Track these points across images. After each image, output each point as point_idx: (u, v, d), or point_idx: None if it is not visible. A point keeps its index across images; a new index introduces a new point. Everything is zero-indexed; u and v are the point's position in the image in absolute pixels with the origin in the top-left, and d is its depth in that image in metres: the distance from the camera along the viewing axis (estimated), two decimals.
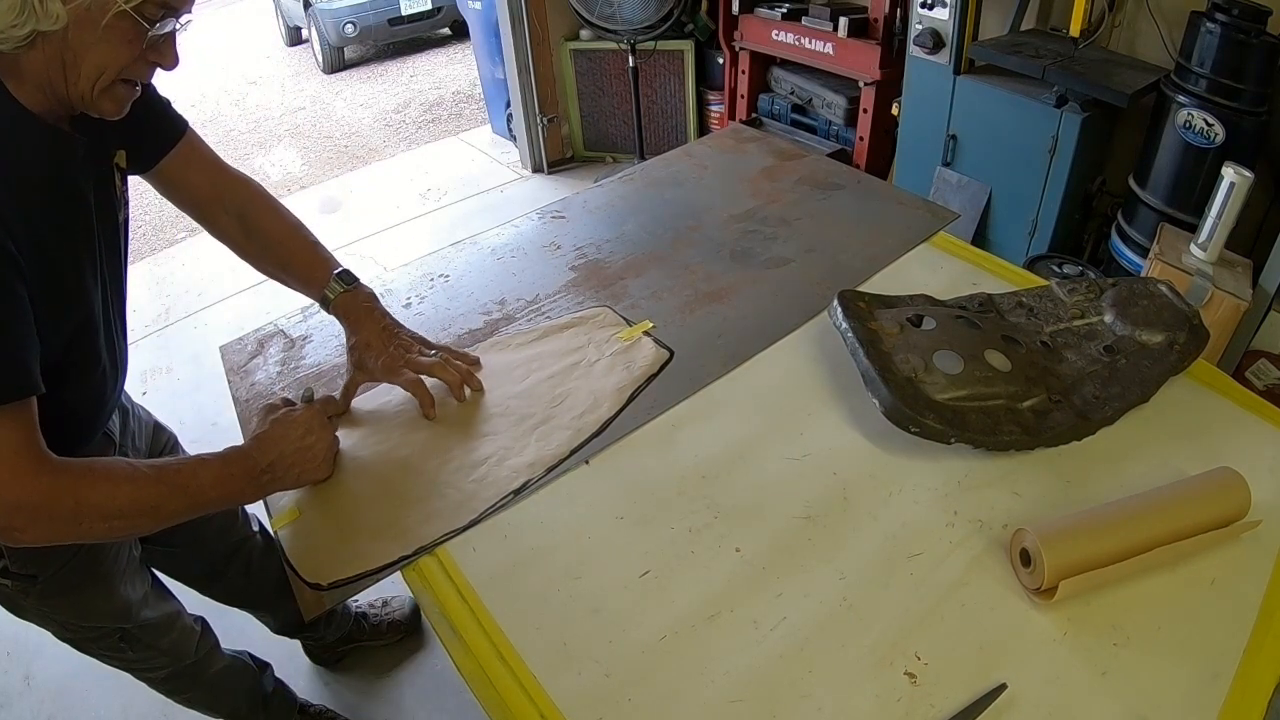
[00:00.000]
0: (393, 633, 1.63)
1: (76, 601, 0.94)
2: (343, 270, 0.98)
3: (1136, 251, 2.00)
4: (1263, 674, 0.66)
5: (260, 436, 0.82)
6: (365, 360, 0.94)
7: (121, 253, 0.86)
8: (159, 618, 1.07)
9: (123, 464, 0.73)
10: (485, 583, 0.76)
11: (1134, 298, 1.00)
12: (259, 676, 1.35)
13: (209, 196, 0.96)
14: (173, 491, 0.74)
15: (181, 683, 1.18)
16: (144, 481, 0.72)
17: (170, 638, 1.10)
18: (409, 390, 0.93)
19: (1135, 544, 0.71)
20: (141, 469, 0.73)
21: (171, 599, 1.12)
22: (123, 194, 0.85)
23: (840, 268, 1.18)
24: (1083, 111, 2.00)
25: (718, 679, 0.67)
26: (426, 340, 1.00)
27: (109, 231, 0.82)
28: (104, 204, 0.80)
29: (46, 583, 0.89)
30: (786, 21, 2.83)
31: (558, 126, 3.61)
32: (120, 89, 0.70)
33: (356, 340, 0.95)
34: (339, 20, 5.68)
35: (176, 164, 0.92)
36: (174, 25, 0.69)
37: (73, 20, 0.62)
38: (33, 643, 1.66)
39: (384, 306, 0.99)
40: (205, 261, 3.13)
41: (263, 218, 0.98)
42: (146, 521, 0.74)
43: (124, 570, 0.98)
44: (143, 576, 1.05)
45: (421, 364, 0.95)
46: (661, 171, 1.51)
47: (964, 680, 0.65)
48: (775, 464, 0.87)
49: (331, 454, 0.87)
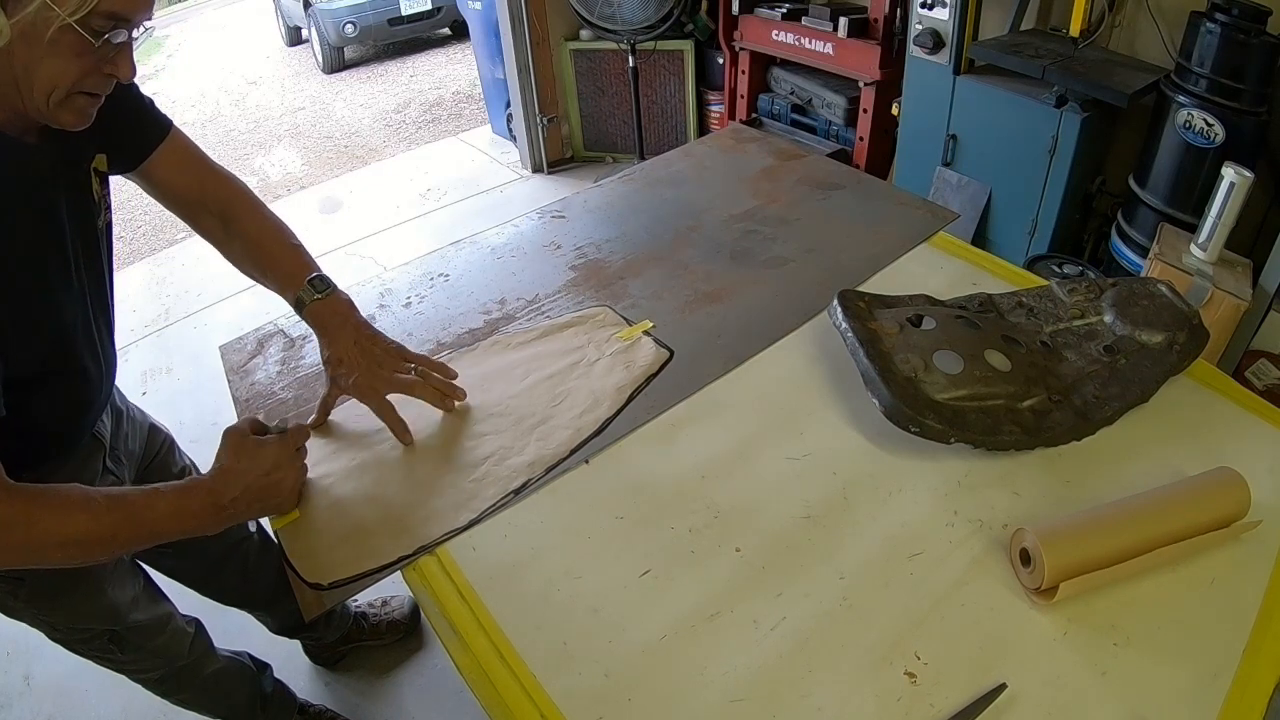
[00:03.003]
0: (392, 633, 1.63)
1: (64, 604, 0.94)
2: (317, 275, 0.94)
3: (1136, 251, 2.00)
4: (1263, 674, 0.66)
5: (225, 470, 0.79)
6: (339, 377, 0.91)
7: (102, 257, 0.85)
8: (150, 620, 1.06)
9: (78, 493, 0.72)
10: (485, 583, 0.76)
11: (1134, 298, 1.00)
12: (258, 678, 1.35)
13: (192, 197, 0.94)
14: (128, 521, 0.73)
15: (175, 684, 1.18)
16: (98, 510, 0.71)
17: (162, 639, 1.09)
18: (379, 416, 0.89)
19: (1135, 544, 0.71)
20: (97, 498, 0.72)
21: (164, 601, 1.12)
22: (103, 198, 0.84)
23: (840, 268, 1.18)
24: (1083, 111, 2.00)
25: (718, 679, 0.67)
26: (405, 350, 0.96)
27: (86, 238, 0.80)
28: (79, 211, 0.79)
29: (33, 585, 0.90)
30: (786, 21, 2.83)
31: (558, 126, 3.61)
32: (79, 100, 0.68)
33: (330, 354, 0.91)
34: (339, 20, 5.69)
35: (159, 165, 0.90)
36: (125, 36, 0.66)
37: (17, 36, 0.60)
38: (33, 643, 1.65)
39: (360, 316, 0.95)
40: (205, 261, 3.13)
41: (244, 219, 0.96)
42: (101, 550, 0.73)
43: (113, 573, 0.98)
44: (134, 579, 1.04)
45: (399, 384, 0.91)
46: (661, 171, 1.51)
47: (964, 680, 0.65)
48: (775, 464, 0.87)
49: (298, 487, 0.84)
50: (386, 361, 0.92)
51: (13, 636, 1.69)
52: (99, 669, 1.06)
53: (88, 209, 0.81)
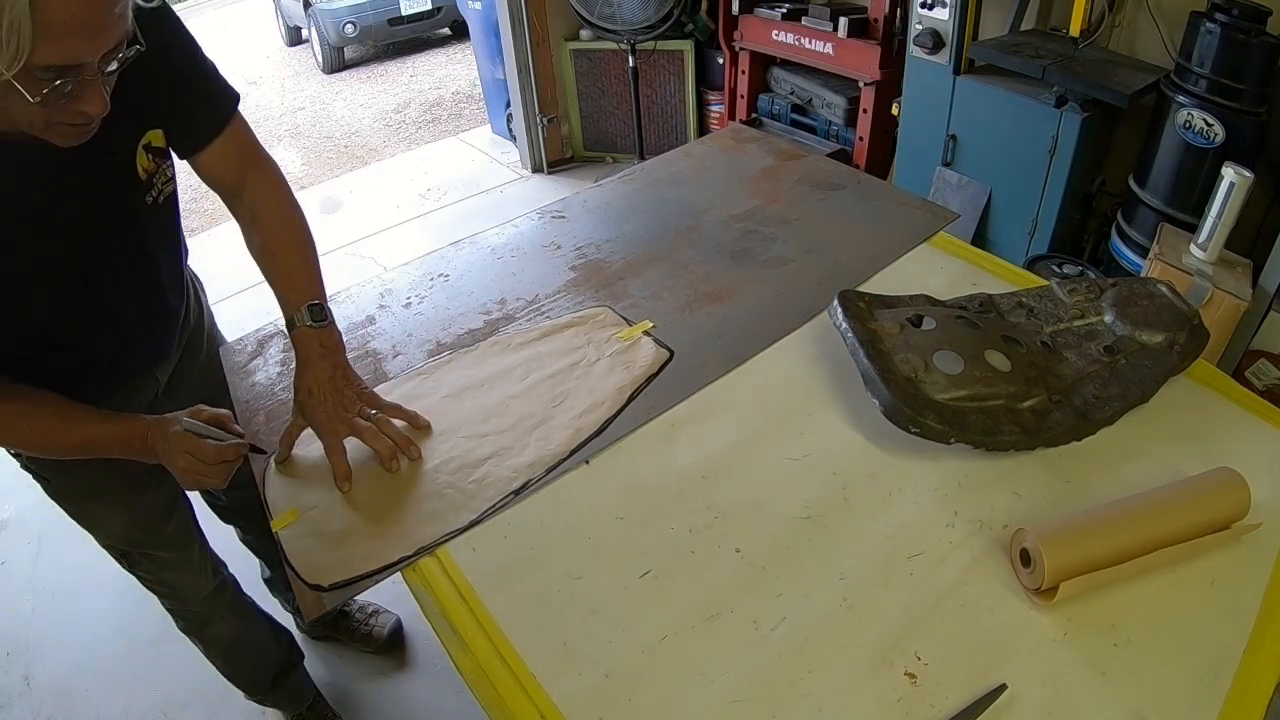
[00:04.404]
0: (364, 644, 1.65)
1: (81, 511, 1.06)
2: (318, 304, 0.93)
3: (1136, 251, 2.00)
4: (1263, 674, 0.66)
5: (163, 452, 0.85)
6: (306, 407, 0.89)
7: (148, 234, 0.90)
8: (169, 556, 1.13)
9: (27, 404, 0.82)
10: (485, 583, 0.76)
11: (1134, 298, 1.00)
12: (278, 660, 1.39)
13: (230, 186, 0.96)
14: (75, 447, 0.85)
15: (180, 621, 1.25)
16: (45, 428, 0.83)
17: (173, 575, 1.17)
18: (328, 455, 0.88)
19: (1136, 544, 0.71)
20: (44, 413, 0.83)
21: (195, 547, 1.18)
22: (160, 172, 0.86)
23: (840, 268, 1.18)
24: (1083, 112, 2.00)
25: (718, 679, 0.67)
26: (376, 397, 0.94)
27: (121, 215, 0.84)
28: (108, 197, 0.82)
29: (58, 486, 1.02)
30: (786, 21, 2.83)
31: (558, 126, 3.61)
32: (61, 129, 0.67)
33: (302, 383, 0.90)
34: (339, 20, 5.69)
35: (209, 155, 0.92)
36: (72, 85, 0.63)
37: None
38: (33, 643, 1.66)
39: (345, 356, 0.94)
40: (205, 261, 3.11)
41: (270, 223, 0.97)
42: (49, 453, 0.89)
43: (142, 503, 1.06)
44: (172, 515, 1.12)
45: (356, 428, 0.89)
46: (661, 171, 1.51)
47: (964, 680, 0.65)
48: (775, 464, 0.87)
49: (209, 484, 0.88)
50: (353, 404, 0.91)
51: (13, 636, 1.69)
52: (99, 669, 1.07)
53: (125, 192, 0.83)
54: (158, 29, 0.76)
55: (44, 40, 0.57)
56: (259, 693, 1.40)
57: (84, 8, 0.59)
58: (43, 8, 0.56)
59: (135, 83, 0.73)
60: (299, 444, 0.92)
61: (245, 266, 1.02)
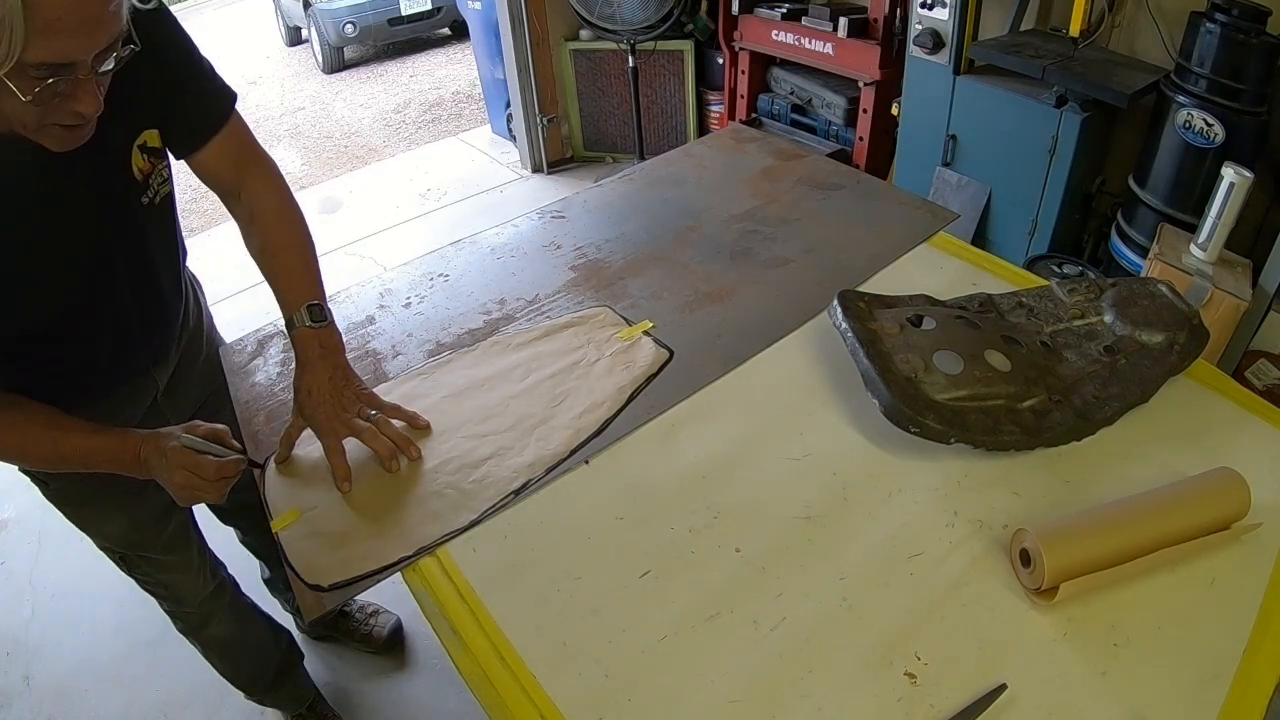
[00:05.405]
0: (364, 644, 1.65)
1: (79, 514, 1.05)
2: (317, 304, 0.93)
3: (1136, 251, 2.00)
4: (1263, 674, 0.66)
5: (158, 468, 0.84)
6: (305, 408, 0.89)
7: (146, 234, 0.90)
8: (168, 560, 1.13)
9: (19, 415, 0.81)
10: (485, 583, 0.76)
11: (1134, 298, 1.00)
12: (276, 661, 1.39)
13: (228, 186, 0.96)
14: (59, 448, 0.84)
15: (178, 623, 1.26)
16: (34, 441, 0.83)
17: (171, 577, 1.17)
18: (327, 455, 0.88)
19: (1135, 545, 0.71)
20: (35, 425, 0.82)
21: (194, 550, 1.18)
22: (155, 172, 0.86)
23: (840, 268, 1.18)
24: (1083, 112, 2.00)
25: (718, 679, 0.67)
26: (376, 398, 0.93)
27: (116, 215, 0.84)
28: (102, 198, 0.81)
29: (57, 490, 1.02)
30: (786, 21, 2.83)
31: (558, 126, 3.61)
32: (55, 130, 0.67)
33: (301, 384, 0.90)
34: (339, 20, 5.69)
35: (207, 155, 0.92)
36: (65, 84, 0.62)
37: None
38: (33, 643, 1.66)
39: (344, 357, 0.94)
40: (205, 261, 3.12)
41: (269, 223, 0.96)
42: (40, 465, 0.90)
43: (140, 507, 1.05)
44: (175, 520, 1.12)
45: (355, 428, 0.89)
46: (661, 171, 1.51)
47: (964, 680, 0.65)
48: (775, 464, 0.87)
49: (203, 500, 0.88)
50: (353, 405, 0.91)
51: (13, 636, 1.69)
52: (99, 669, 1.07)
53: (120, 192, 0.83)
54: (153, 29, 0.76)
55: (37, 37, 0.57)
56: (259, 693, 1.40)
57: (78, 5, 0.58)
58: (36, 5, 0.55)
59: (129, 82, 0.72)
60: (299, 444, 0.92)
61: (245, 266, 1.02)
